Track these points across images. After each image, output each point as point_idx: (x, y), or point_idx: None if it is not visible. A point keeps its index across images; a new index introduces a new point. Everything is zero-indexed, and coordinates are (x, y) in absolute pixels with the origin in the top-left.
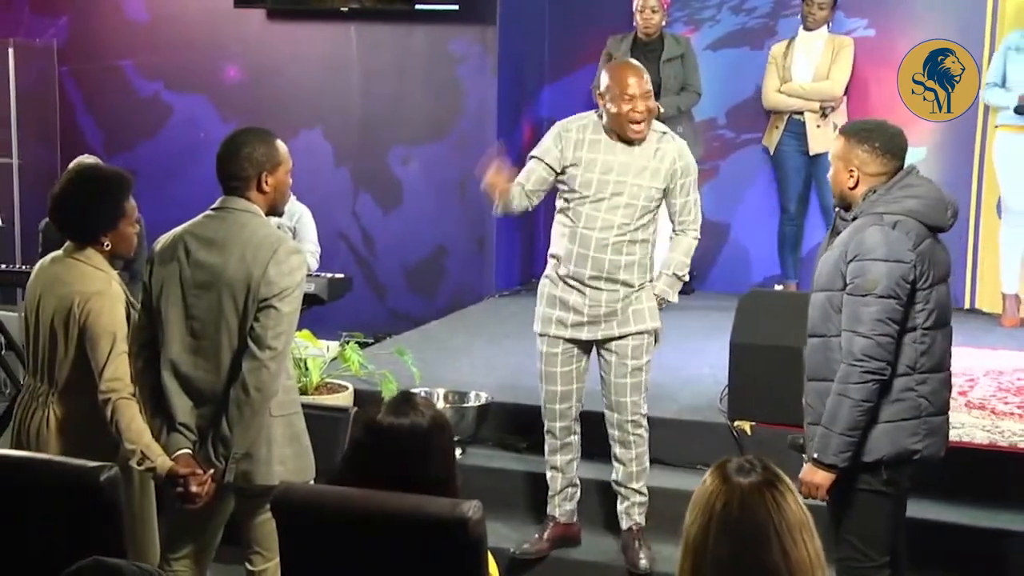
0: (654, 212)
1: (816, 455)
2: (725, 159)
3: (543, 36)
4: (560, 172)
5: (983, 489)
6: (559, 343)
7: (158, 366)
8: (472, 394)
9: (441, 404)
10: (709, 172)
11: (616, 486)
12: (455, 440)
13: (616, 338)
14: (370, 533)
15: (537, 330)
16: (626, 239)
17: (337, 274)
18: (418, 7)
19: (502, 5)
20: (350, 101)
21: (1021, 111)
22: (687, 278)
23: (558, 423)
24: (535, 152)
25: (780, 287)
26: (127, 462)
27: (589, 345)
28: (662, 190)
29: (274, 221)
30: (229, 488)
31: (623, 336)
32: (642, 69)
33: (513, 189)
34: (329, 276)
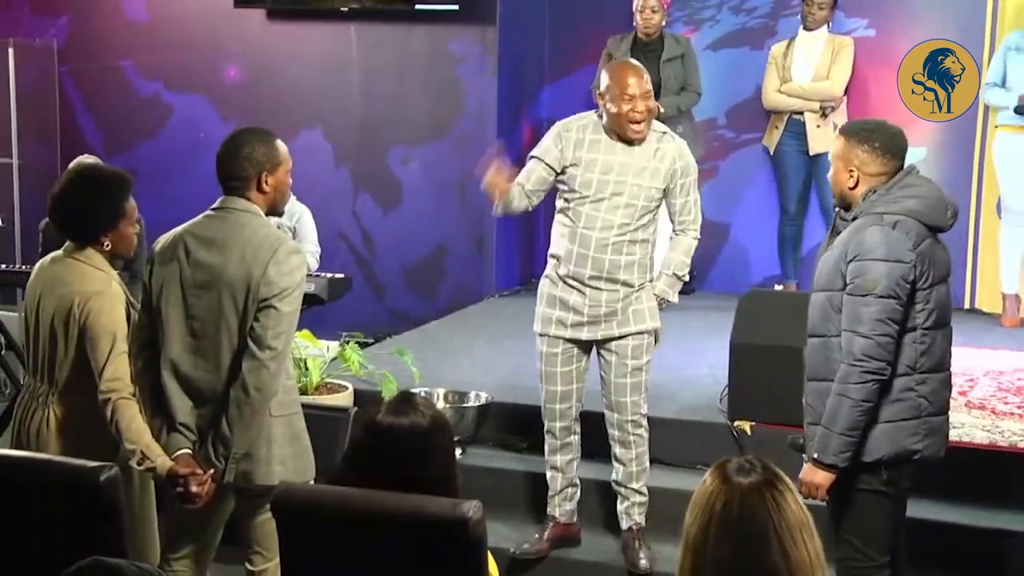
0: (654, 212)
1: (816, 455)
2: (725, 159)
3: (543, 36)
4: (560, 172)
5: (983, 489)
6: (559, 343)
7: (158, 366)
8: (472, 394)
9: (441, 404)
10: (709, 172)
11: (616, 486)
12: (455, 440)
13: (616, 338)
14: (370, 533)
15: (537, 330)
16: (626, 239)
17: (337, 274)
18: (418, 7)
19: (502, 5)
20: (350, 101)
21: (1021, 111)
22: (687, 278)
23: (558, 423)
24: (535, 152)
25: (780, 287)
26: (127, 462)
27: (589, 345)
28: (662, 190)
29: (274, 221)
30: (229, 488)
31: (623, 336)
32: (642, 69)
33: (513, 189)
34: (329, 276)
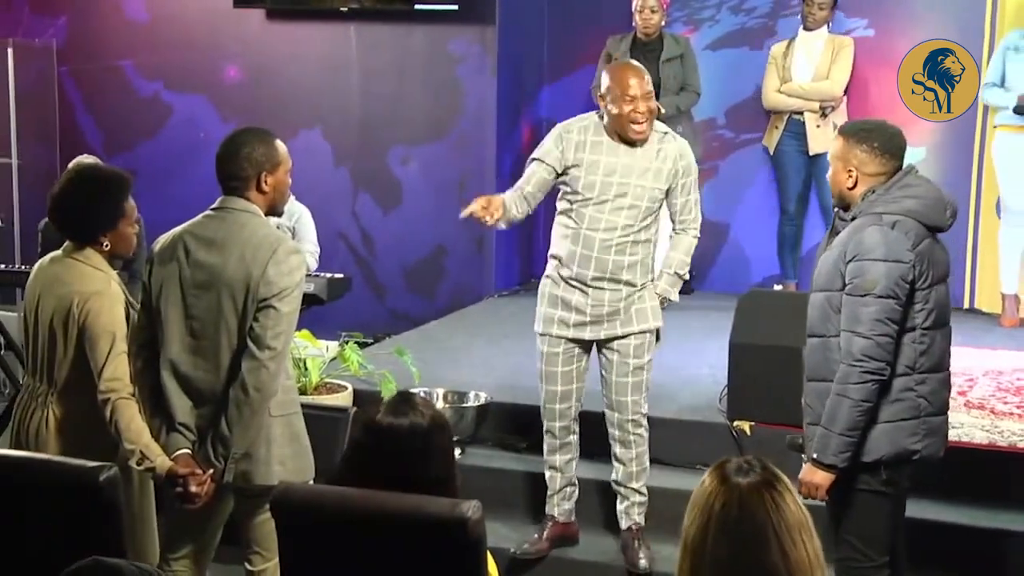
0: (656, 212)
1: (816, 455)
2: (725, 159)
3: (542, 36)
4: (561, 173)
5: (982, 489)
6: (560, 343)
7: (157, 366)
8: (471, 394)
9: (440, 404)
10: (709, 172)
11: (616, 486)
12: (454, 440)
13: (619, 337)
14: (370, 533)
15: (538, 330)
16: (629, 240)
17: (336, 274)
18: (417, 7)
19: (501, 5)
20: (349, 101)
21: (1020, 111)
22: (687, 277)
23: (558, 423)
24: (536, 154)
25: (779, 287)
26: (126, 462)
27: (589, 345)
28: (664, 190)
29: (273, 221)
30: (228, 488)
31: (626, 335)
32: (643, 70)
33: (506, 200)
34: (328, 276)
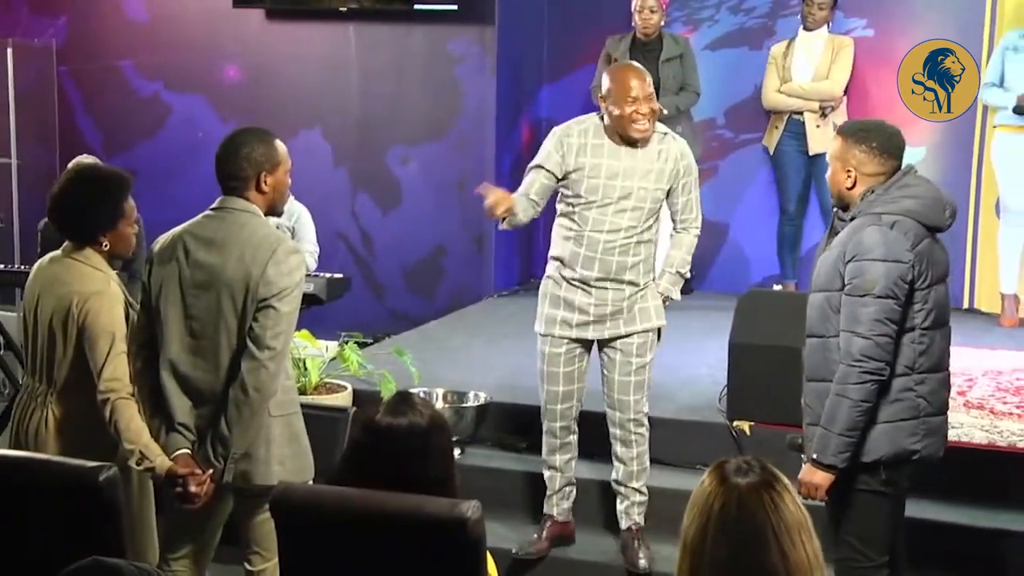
0: (658, 212)
1: (815, 455)
2: (724, 159)
3: (542, 36)
4: (562, 177)
5: (982, 489)
6: (563, 343)
7: (157, 366)
8: (471, 394)
9: (440, 404)
10: (708, 172)
11: (616, 485)
12: (454, 440)
13: (622, 336)
14: (369, 533)
15: (540, 331)
16: (633, 241)
17: (336, 274)
18: (417, 7)
19: (501, 5)
20: (349, 101)
21: (1020, 111)
22: (688, 275)
23: (558, 423)
24: (536, 161)
25: (779, 287)
26: (126, 462)
27: (591, 345)
28: (666, 191)
29: (273, 221)
30: (228, 488)
31: (629, 334)
32: (644, 71)
33: (517, 204)
34: (328, 276)
